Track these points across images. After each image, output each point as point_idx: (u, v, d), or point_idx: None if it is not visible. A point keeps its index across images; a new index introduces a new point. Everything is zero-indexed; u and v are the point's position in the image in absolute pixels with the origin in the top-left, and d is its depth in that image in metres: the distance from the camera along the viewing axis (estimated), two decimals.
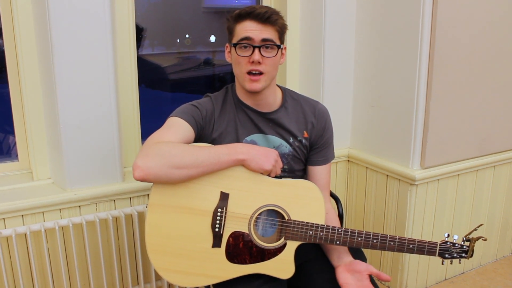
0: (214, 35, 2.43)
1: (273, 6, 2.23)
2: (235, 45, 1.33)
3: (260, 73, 1.33)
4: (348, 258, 1.36)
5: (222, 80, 2.55)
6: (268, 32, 1.31)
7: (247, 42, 1.30)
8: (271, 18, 1.30)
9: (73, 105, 1.67)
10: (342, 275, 1.31)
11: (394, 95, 2.09)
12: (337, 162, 2.35)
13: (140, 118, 1.99)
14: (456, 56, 2.02)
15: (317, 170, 1.51)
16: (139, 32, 2.10)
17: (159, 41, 2.36)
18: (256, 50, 1.30)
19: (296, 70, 2.30)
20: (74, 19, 1.61)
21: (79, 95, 1.68)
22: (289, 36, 2.21)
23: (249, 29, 1.30)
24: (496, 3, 2.10)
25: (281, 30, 1.35)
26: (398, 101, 2.07)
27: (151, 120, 2.05)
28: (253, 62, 1.31)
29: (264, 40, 1.30)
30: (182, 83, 2.52)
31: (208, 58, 2.52)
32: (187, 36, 2.39)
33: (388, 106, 2.13)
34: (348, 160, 2.38)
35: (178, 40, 2.40)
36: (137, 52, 1.96)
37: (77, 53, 1.64)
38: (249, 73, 1.33)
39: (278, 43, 1.34)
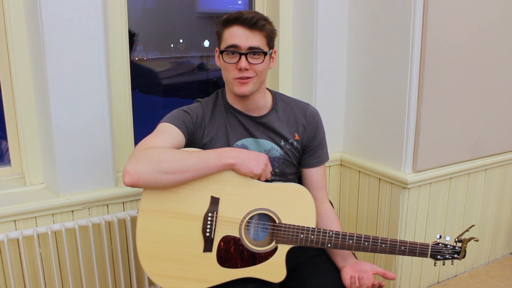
0: (208, 40, 2.44)
1: (265, 10, 2.26)
2: (222, 52, 1.34)
3: (248, 78, 1.33)
4: (353, 259, 1.40)
5: (216, 85, 2.56)
6: (255, 39, 1.30)
7: (234, 49, 1.31)
8: (258, 23, 1.29)
9: (66, 109, 1.67)
10: (349, 276, 1.33)
11: (386, 99, 2.10)
12: (329, 166, 2.36)
13: (133, 123, 1.99)
14: (447, 60, 2.04)
15: (312, 172, 1.52)
16: (132, 36, 2.10)
17: (153, 46, 2.37)
18: (243, 57, 1.30)
19: (288, 74, 2.30)
20: (67, 23, 1.61)
21: (72, 100, 1.68)
22: (281, 39, 2.22)
23: (236, 35, 1.30)
24: (487, 7, 2.11)
25: (269, 36, 1.34)
26: (390, 105, 2.09)
27: (144, 125, 2.05)
28: (240, 69, 1.31)
29: (251, 48, 1.30)
30: (176, 87, 2.53)
31: (202, 63, 2.54)
32: (181, 41, 2.40)
33: (380, 110, 2.15)
34: (341, 164, 2.39)
35: (172, 45, 2.41)
36: (131, 56, 1.96)
37: (69, 58, 1.64)
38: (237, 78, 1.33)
39: (265, 49, 1.33)
